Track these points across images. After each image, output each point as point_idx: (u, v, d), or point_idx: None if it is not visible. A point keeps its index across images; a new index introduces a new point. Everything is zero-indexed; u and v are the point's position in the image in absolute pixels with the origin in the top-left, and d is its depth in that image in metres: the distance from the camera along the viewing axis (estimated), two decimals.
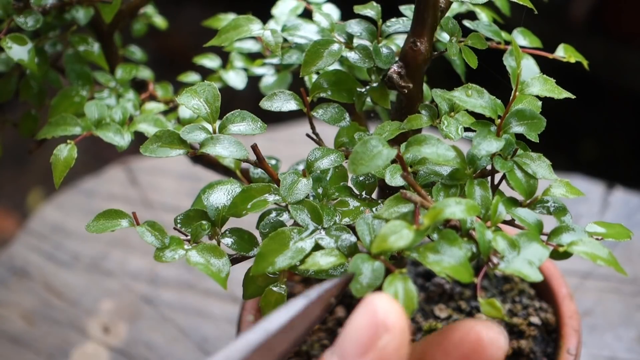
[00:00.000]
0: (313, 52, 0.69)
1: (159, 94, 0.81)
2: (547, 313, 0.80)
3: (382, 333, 0.51)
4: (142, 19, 0.87)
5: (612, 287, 1.09)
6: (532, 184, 0.63)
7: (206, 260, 0.63)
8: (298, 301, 0.54)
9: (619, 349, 1.02)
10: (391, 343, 0.51)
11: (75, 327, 1.08)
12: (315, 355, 0.77)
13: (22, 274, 1.14)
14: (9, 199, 2.04)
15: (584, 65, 0.73)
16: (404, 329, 0.51)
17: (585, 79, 1.77)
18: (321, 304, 0.55)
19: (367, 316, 0.51)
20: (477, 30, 0.71)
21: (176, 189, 1.26)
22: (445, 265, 0.55)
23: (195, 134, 0.65)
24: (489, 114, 0.64)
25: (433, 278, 0.83)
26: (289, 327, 0.53)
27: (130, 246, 1.18)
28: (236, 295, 1.10)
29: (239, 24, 0.71)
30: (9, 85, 0.79)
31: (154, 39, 2.14)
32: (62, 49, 0.80)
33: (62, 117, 0.73)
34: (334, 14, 0.78)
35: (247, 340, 0.52)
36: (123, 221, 0.65)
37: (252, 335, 0.52)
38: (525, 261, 0.57)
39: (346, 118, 0.69)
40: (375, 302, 0.51)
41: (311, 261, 0.58)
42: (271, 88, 0.79)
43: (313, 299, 0.55)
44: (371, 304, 0.51)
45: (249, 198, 0.64)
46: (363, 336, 0.51)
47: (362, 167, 0.57)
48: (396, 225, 0.56)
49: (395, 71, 0.67)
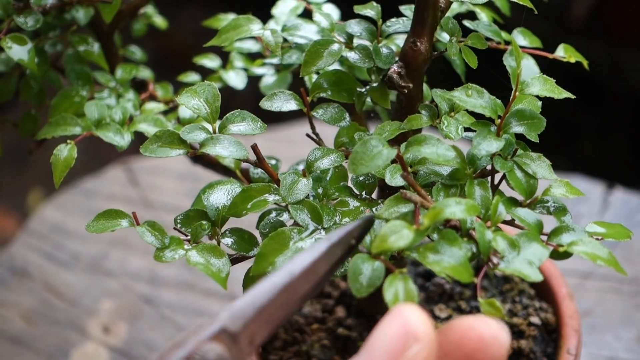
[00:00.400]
0: (313, 52, 0.68)
1: (159, 94, 0.81)
2: (547, 313, 0.80)
3: (412, 343, 0.52)
4: (142, 19, 0.87)
5: (612, 287, 1.09)
6: (532, 184, 0.63)
7: (206, 260, 0.63)
8: (320, 244, 0.56)
9: (619, 349, 1.02)
10: (420, 353, 0.52)
11: (75, 327, 1.08)
12: (315, 355, 0.77)
13: (22, 274, 1.14)
14: (9, 199, 2.04)
15: (584, 65, 0.73)
16: (433, 340, 0.52)
17: (585, 79, 1.77)
18: (342, 246, 0.57)
19: (397, 325, 0.52)
20: (477, 30, 0.71)
21: (176, 189, 1.26)
22: (445, 266, 0.55)
23: (195, 134, 0.65)
24: (489, 114, 0.64)
25: (433, 278, 0.83)
26: (312, 270, 0.55)
27: (130, 246, 1.18)
28: (236, 295, 1.10)
29: (239, 24, 0.71)
30: (9, 85, 0.79)
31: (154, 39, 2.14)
32: (62, 49, 0.80)
33: (62, 117, 0.73)
34: (334, 14, 0.78)
35: (273, 282, 0.54)
36: (123, 221, 0.65)
37: (277, 277, 0.54)
38: (525, 261, 0.57)
39: (346, 118, 0.69)
40: (406, 312, 0.52)
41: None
42: (271, 88, 0.79)
43: (334, 242, 0.56)
44: (401, 314, 0.52)
45: (249, 198, 0.64)
46: (393, 344, 0.51)
47: (362, 167, 0.57)
48: (396, 225, 0.56)
49: (395, 71, 0.67)
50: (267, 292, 0.54)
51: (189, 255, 0.63)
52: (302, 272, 0.55)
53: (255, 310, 0.53)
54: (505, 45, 0.71)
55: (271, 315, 0.54)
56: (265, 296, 0.53)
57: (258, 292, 0.54)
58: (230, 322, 0.52)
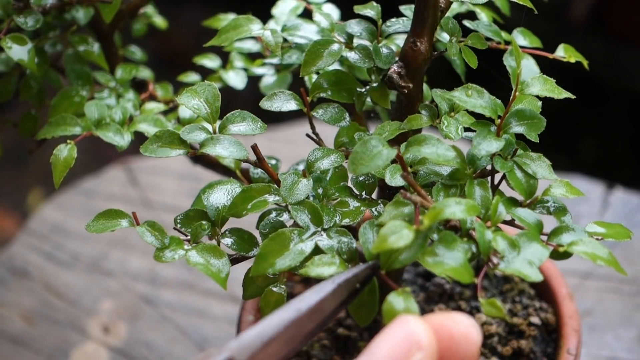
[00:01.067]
0: (313, 52, 0.68)
1: (159, 94, 0.81)
2: (547, 313, 0.80)
3: (415, 351, 0.53)
4: (142, 19, 0.87)
5: (612, 287, 1.09)
6: (532, 184, 0.63)
7: (206, 260, 0.63)
8: (327, 285, 0.57)
9: (619, 349, 1.02)
10: None
11: (75, 327, 1.08)
12: (315, 355, 0.77)
13: (22, 274, 1.14)
14: (9, 199, 2.04)
15: (584, 65, 0.73)
16: (435, 350, 0.54)
17: (585, 79, 1.77)
18: (348, 288, 0.58)
19: (402, 333, 0.53)
20: (477, 30, 0.71)
21: (176, 189, 1.26)
22: (446, 267, 0.55)
23: (195, 134, 0.65)
24: (489, 114, 0.64)
25: (433, 278, 0.83)
26: (318, 309, 0.57)
27: (130, 246, 1.18)
28: (236, 295, 1.10)
29: (239, 24, 0.71)
30: (9, 85, 0.79)
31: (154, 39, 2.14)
32: (62, 49, 0.80)
33: (62, 117, 0.73)
34: (334, 14, 0.78)
35: (280, 318, 0.55)
36: (123, 221, 0.65)
37: (285, 313, 0.55)
38: (525, 261, 0.57)
39: (346, 118, 0.69)
40: (410, 321, 0.54)
41: (311, 267, 0.58)
42: (271, 88, 0.79)
43: (340, 283, 0.58)
44: (406, 323, 0.54)
45: (249, 198, 0.64)
46: (397, 351, 0.53)
47: (362, 167, 0.57)
48: (396, 226, 0.56)
49: (395, 71, 0.67)
50: (274, 326, 0.55)
51: (189, 255, 0.63)
52: (308, 310, 0.56)
53: (263, 343, 0.54)
54: (505, 45, 0.71)
55: (276, 349, 0.55)
56: (272, 330, 0.55)
57: (266, 326, 0.55)
58: (238, 352, 0.53)
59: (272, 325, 0.55)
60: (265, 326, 0.55)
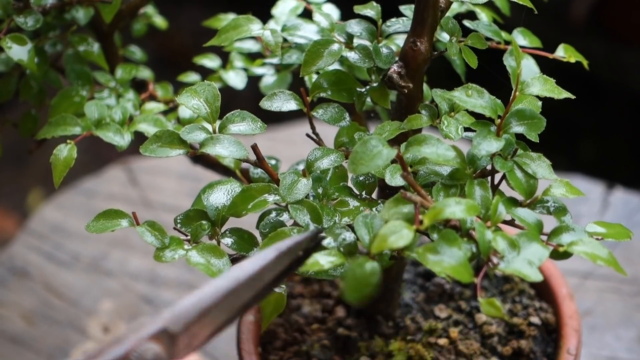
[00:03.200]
0: (313, 52, 0.69)
1: (159, 94, 0.81)
2: (547, 313, 0.80)
3: None
4: (142, 19, 0.87)
5: (612, 287, 1.09)
6: (532, 184, 0.63)
7: (206, 260, 0.63)
8: (268, 252, 0.56)
9: (619, 349, 1.02)
10: None
11: (75, 327, 1.08)
12: (315, 355, 0.77)
13: (22, 274, 1.14)
14: (9, 199, 2.04)
15: (584, 65, 0.73)
16: None
17: (585, 79, 1.77)
18: (290, 256, 0.56)
19: None
20: (477, 30, 0.71)
21: (176, 189, 1.26)
22: (446, 266, 0.55)
23: (195, 134, 0.65)
24: (489, 114, 0.64)
25: (433, 278, 0.83)
26: (257, 277, 0.55)
27: (130, 246, 1.18)
28: None
29: (238, 24, 0.71)
30: (9, 85, 0.79)
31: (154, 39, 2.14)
32: (62, 49, 0.80)
33: (62, 117, 0.73)
34: (334, 14, 0.78)
35: (217, 286, 0.54)
36: (123, 221, 0.65)
37: (223, 281, 0.54)
38: (525, 261, 0.57)
39: (346, 118, 0.69)
40: None
41: (311, 261, 0.58)
42: (271, 88, 0.79)
43: (283, 251, 0.56)
44: None
45: (249, 198, 0.64)
46: None
47: (362, 167, 0.57)
48: (396, 225, 0.56)
49: (395, 71, 0.67)
50: (211, 295, 0.53)
51: (189, 255, 0.63)
52: (247, 279, 0.54)
53: (198, 312, 0.53)
54: (505, 45, 0.71)
55: (213, 318, 0.53)
56: (209, 299, 0.53)
57: (202, 295, 0.53)
58: (172, 322, 0.52)
59: (208, 294, 0.53)
60: (201, 295, 0.53)
